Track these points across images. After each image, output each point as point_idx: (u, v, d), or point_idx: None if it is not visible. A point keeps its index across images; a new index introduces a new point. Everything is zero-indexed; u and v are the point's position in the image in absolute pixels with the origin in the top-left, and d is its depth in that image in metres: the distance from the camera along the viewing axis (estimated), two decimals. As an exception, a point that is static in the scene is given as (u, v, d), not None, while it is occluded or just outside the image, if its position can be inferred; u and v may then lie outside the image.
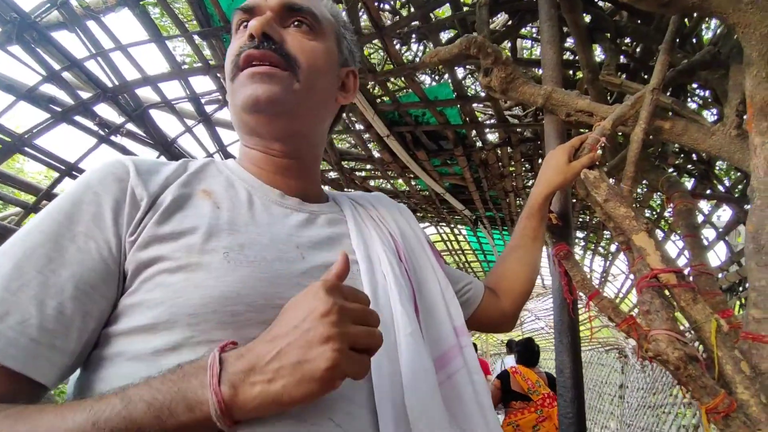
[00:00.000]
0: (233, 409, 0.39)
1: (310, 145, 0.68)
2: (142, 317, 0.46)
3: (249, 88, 0.57)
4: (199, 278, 0.47)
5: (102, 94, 1.76)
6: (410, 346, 0.54)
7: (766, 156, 0.84)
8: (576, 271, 0.94)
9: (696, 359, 0.69)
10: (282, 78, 0.58)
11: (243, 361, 0.41)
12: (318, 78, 0.63)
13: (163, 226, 0.51)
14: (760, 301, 0.81)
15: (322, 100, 0.66)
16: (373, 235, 0.66)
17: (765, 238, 0.82)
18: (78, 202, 0.50)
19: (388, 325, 0.55)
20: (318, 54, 0.63)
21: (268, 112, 0.59)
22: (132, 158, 0.57)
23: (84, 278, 0.47)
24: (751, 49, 0.87)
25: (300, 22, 0.62)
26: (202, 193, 0.57)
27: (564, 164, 0.92)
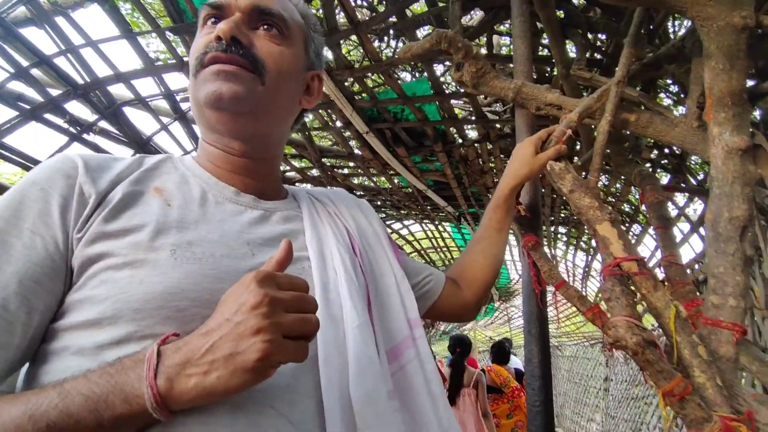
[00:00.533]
0: (169, 401, 0.40)
1: (269, 145, 0.68)
2: (88, 312, 0.47)
3: (213, 84, 0.57)
4: (144, 274, 0.48)
5: (72, 91, 1.72)
6: (357, 338, 0.56)
7: (723, 146, 0.86)
8: (543, 262, 0.95)
9: (653, 344, 0.71)
10: (247, 79, 0.58)
11: (179, 354, 0.42)
12: (283, 82, 0.63)
13: (111, 224, 0.51)
14: (719, 287, 0.83)
15: (285, 104, 0.66)
16: (328, 231, 0.67)
17: (722, 226, 0.84)
18: (25, 198, 0.51)
19: (337, 319, 0.57)
20: (285, 58, 0.63)
21: (231, 110, 0.59)
22: (82, 154, 0.57)
23: (29, 274, 0.47)
24: (709, 41, 0.89)
25: (269, 26, 0.62)
26: (153, 191, 0.57)
27: (530, 156, 0.93)
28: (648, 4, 0.95)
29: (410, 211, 4.23)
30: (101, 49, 1.73)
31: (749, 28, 0.85)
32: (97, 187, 0.53)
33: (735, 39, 0.86)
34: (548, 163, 0.93)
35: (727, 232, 0.83)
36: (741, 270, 0.82)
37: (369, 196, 3.59)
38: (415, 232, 5.59)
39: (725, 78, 0.87)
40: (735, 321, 0.80)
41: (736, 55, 0.86)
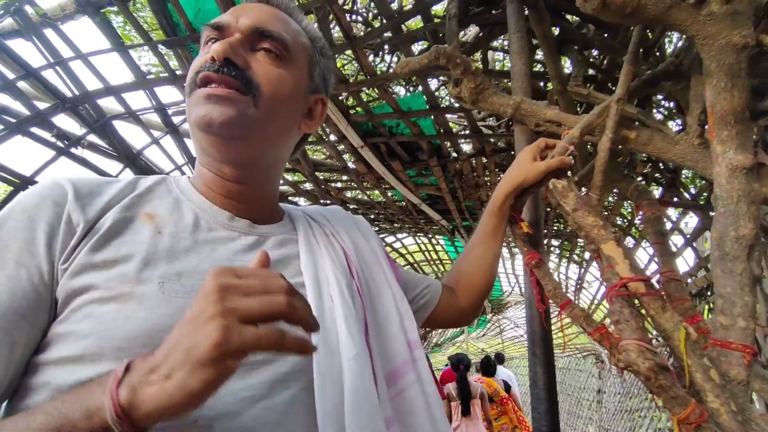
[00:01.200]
0: (131, 412, 0.36)
1: (263, 171, 0.66)
2: (70, 347, 0.44)
3: (203, 108, 0.55)
4: (130, 310, 0.46)
5: (61, 104, 1.68)
6: (353, 370, 0.54)
7: (727, 164, 0.86)
8: (548, 280, 0.93)
9: (666, 369, 0.69)
10: (239, 102, 0.56)
11: (146, 364, 0.38)
12: (279, 106, 0.61)
13: (98, 254, 0.49)
14: (726, 308, 0.81)
15: (281, 128, 0.64)
16: (324, 254, 0.65)
17: (729, 245, 0.83)
18: (11, 227, 0.49)
19: (333, 349, 0.55)
20: (283, 81, 0.61)
21: (221, 135, 0.57)
22: (73, 179, 0.55)
23: (13, 307, 0.45)
24: (710, 60, 0.89)
25: (269, 47, 0.61)
26: (144, 217, 0.55)
27: (527, 163, 0.92)
28: (648, 22, 0.94)
29: (404, 225, 4.21)
30: (91, 62, 1.70)
31: (749, 47, 0.85)
32: (86, 215, 0.51)
33: (736, 58, 0.86)
34: (551, 181, 0.92)
35: (734, 251, 0.82)
36: (749, 290, 0.81)
37: (362, 209, 3.57)
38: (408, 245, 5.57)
39: (727, 96, 0.87)
40: (745, 342, 0.78)
41: (738, 73, 0.86)
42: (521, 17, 1.43)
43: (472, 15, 1.67)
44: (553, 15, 1.62)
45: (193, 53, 1.73)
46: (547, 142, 0.98)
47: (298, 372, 0.52)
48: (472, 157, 2.52)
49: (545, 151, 0.98)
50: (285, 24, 0.64)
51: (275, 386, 0.50)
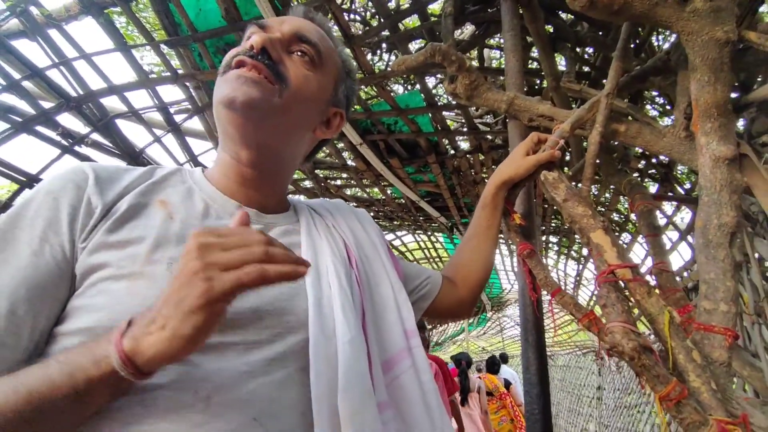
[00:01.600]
0: (135, 358, 0.41)
1: (277, 160, 0.69)
2: (85, 320, 0.49)
3: (231, 86, 0.59)
4: (140, 287, 0.50)
5: (65, 103, 1.72)
6: (347, 354, 0.56)
7: (710, 155, 0.89)
8: (539, 270, 0.96)
9: (649, 349, 0.72)
10: (265, 88, 0.60)
11: (144, 318, 0.44)
12: (301, 103, 0.65)
13: (113, 235, 0.53)
14: (710, 293, 0.85)
15: (298, 124, 0.68)
16: (324, 244, 0.68)
17: (712, 233, 0.87)
18: (37, 207, 0.53)
19: (329, 334, 0.58)
20: (310, 83, 0.66)
21: (241, 113, 0.60)
22: (93, 165, 0.59)
23: (37, 281, 0.49)
24: (694, 55, 0.92)
25: (304, 53, 0.65)
26: (158, 203, 0.59)
27: (519, 157, 0.95)
28: (635, 19, 0.98)
29: (403, 222, 4.24)
30: (95, 62, 1.73)
31: (732, 42, 0.88)
32: (104, 199, 0.55)
33: (719, 53, 0.89)
34: (542, 174, 0.95)
35: (717, 238, 0.86)
36: (731, 276, 0.84)
37: (362, 206, 3.60)
38: (407, 242, 5.60)
39: (710, 90, 0.90)
40: (727, 326, 0.81)
41: (720, 68, 0.90)
42: (515, 15, 1.47)
43: (467, 13, 1.70)
44: (547, 13, 1.65)
45: (194, 53, 1.77)
46: (540, 136, 1.01)
47: (296, 353, 0.55)
48: (469, 153, 2.55)
49: (538, 145, 1.01)
50: (323, 38, 0.70)
51: (272, 364, 0.53)
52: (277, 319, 0.56)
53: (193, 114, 2.06)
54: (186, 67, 1.82)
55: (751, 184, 0.90)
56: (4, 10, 1.49)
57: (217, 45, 1.76)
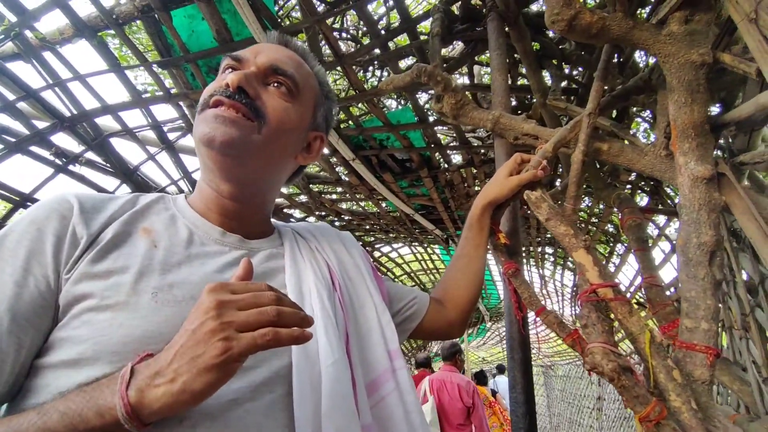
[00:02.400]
0: (140, 410, 0.42)
1: (258, 192, 0.70)
2: (69, 352, 0.48)
3: (210, 125, 0.60)
4: (124, 317, 0.50)
5: (59, 123, 1.74)
6: (331, 376, 0.57)
7: (689, 174, 0.91)
8: (524, 289, 0.97)
9: (629, 370, 0.73)
10: (243, 126, 0.61)
11: (149, 368, 0.44)
12: (281, 135, 0.66)
13: (97, 265, 0.53)
14: (691, 311, 0.85)
15: (278, 156, 0.69)
16: (308, 267, 0.69)
17: (692, 252, 0.88)
18: (20, 237, 0.53)
19: (313, 357, 0.58)
20: (288, 115, 0.66)
21: (221, 151, 0.61)
22: (78, 194, 0.59)
23: (21, 312, 0.49)
24: (671, 76, 0.94)
25: (280, 84, 0.66)
26: (142, 231, 0.59)
27: (503, 178, 0.97)
28: (613, 41, 1.00)
29: (399, 235, 4.25)
30: (89, 83, 1.76)
31: (707, 65, 0.90)
32: (89, 229, 0.56)
33: (695, 74, 0.91)
34: (525, 193, 0.97)
35: (697, 257, 0.87)
36: (711, 294, 0.85)
37: (357, 220, 3.61)
38: (404, 254, 5.60)
39: (687, 111, 0.92)
40: (708, 344, 0.82)
41: (696, 89, 0.92)
42: (501, 34, 1.50)
43: (455, 32, 1.73)
44: (534, 31, 1.69)
45: (186, 73, 1.79)
46: (522, 157, 1.03)
47: (281, 377, 0.56)
48: (461, 167, 2.57)
49: (521, 165, 1.03)
50: (299, 66, 0.71)
51: (258, 390, 0.53)
52: None
53: (187, 132, 2.08)
54: (179, 86, 1.84)
55: (730, 202, 0.92)
56: (-1, 34, 1.52)
57: (209, 65, 1.78)
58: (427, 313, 0.90)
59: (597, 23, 0.95)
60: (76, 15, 1.56)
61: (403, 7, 1.71)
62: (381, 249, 5.16)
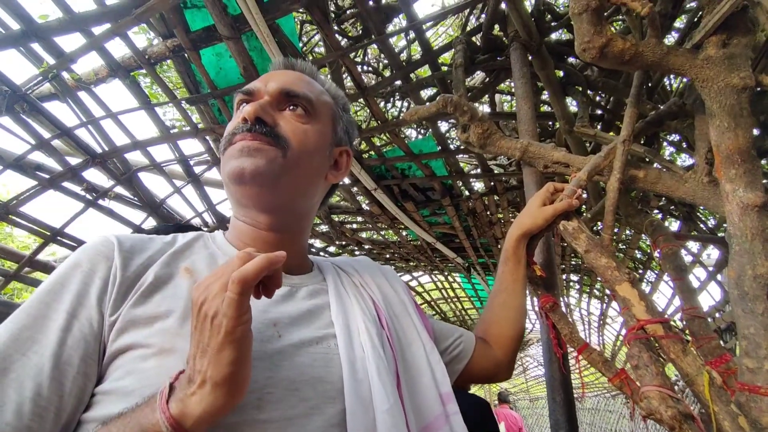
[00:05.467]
0: (183, 420, 0.41)
1: (295, 218, 0.69)
2: (115, 405, 0.47)
3: (237, 161, 0.60)
4: (171, 364, 0.48)
5: (91, 159, 1.79)
6: (387, 423, 0.53)
7: (738, 202, 0.86)
8: (563, 324, 0.92)
9: (691, 417, 0.67)
10: (268, 152, 0.60)
11: (182, 381, 0.44)
12: (306, 157, 0.65)
13: (140, 308, 0.52)
14: (751, 350, 0.79)
15: (308, 177, 0.68)
16: (354, 303, 0.66)
17: (748, 284, 0.82)
18: (66, 281, 0.53)
19: (366, 402, 0.55)
20: (309, 135, 0.66)
21: (253, 183, 0.60)
22: (119, 236, 0.59)
23: (64, 357, 0.48)
24: (711, 101, 0.91)
25: (295, 106, 0.66)
26: (183, 271, 0.58)
27: (536, 208, 0.93)
28: (646, 68, 0.98)
29: (419, 263, 4.20)
30: (120, 120, 1.81)
31: (750, 88, 0.87)
32: (131, 271, 0.55)
33: (737, 99, 0.88)
34: (561, 224, 0.93)
35: (753, 290, 0.81)
36: (773, 330, 0.79)
37: (377, 249, 3.58)
38: (424, 283, 5.52)
39: (731, 136, 0.88)
40: (774, 386, 0.75)
41: (740, 113, 0.88)
42: (525, 63, 1.49)
43: (477, 62, 1.74)
44: (556, 59, 1.68)
45: (213, 108, 1.84)
46: (556, 186, 1.00)
47: (334, 426, 0.52)
48: (484, 195, 2.54)
49: (554, 195, 0.99)
50: (309, 85, 0.70)
51: None
52: (312, 390, 0.53)
53: (212, 165, 2.11)
54: (205, 121, 1.88)
55: (784, 231, 0.86)
56: (37, 76, 1.59)
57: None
58: (475, 352, 0.84)
59: (630, 50, 0.93)
60: (111, 56, 1.63)
61: (424, 39, 1.74)
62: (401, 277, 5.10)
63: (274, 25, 1.51)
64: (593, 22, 0.93)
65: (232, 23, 1.49)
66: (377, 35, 1.63)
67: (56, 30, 1.49)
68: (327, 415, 0.52)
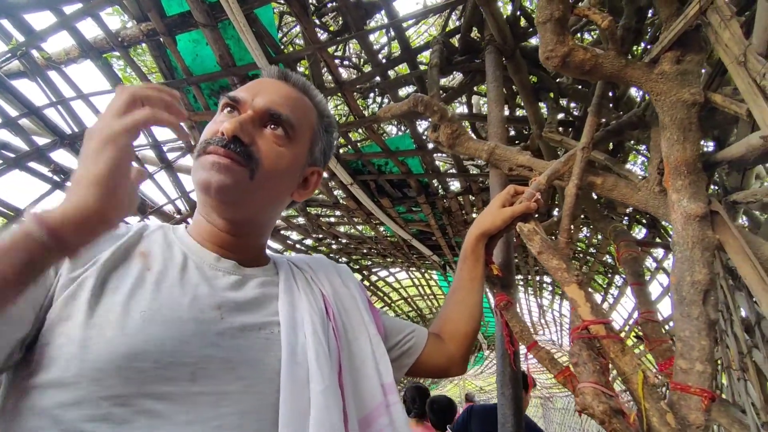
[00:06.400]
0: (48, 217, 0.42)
1: (253, 228, 0.72)
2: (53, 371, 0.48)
3: (206, 173, 0.62)
4: (110, 335, 0.50)
5: (59, 140, 1.75)
6: (320, 403, 0.55)
7: (682, 212, 0.90)
8: (515, 322, 0.95)
9: (621, 412, 0.70)
10: (236, 172, 0.62)
11: None
12: (275, 180, 0.67)
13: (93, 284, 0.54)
14: (686, 352, 0.83)
15: (273, 197, 0.71)
16: (302, 296, 0.69)
17: (686, 290, 0.86)
18: None
19: (302, 384, 0.57)
20: (283, 159, 0.67)
21: (217, 197, 0.63)
22: None
23: None
24: (663, 114, 0.95)
25: (276, 125, 0.67)
26: (139, 255, 0.61)
27: (496, 209, 0.97)
28: (608, 78, 1.01)
29: (396, 259, 4.23)
30: (92, 102, 1.78)
31: (699, 104, 0.91)
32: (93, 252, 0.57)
33: (686, 113, 0.92)
34: (518, 225, 0.96)
35: (691, 295, 0.85)
36: (706, 334, 0.83)
37: (354, 243, 3.60)
38: (401, 279, 5.56)
39: (680, 148, 0.92)
40: (703, 386, 0.80)
41: (689, 127, 0.92)
42: (499, 67, 1.52)
43: (454, 63, 1.76)
44: (531, 65, 1.72)
45: (188, 95, 1.82)
46: (516, 189, 1.03)
47: (271, 405, 0.55)
48: (459, 195, 2.58)
49: (515, 197, 1.03)
50: (296, 105, 0.71)
51: (245, 417, 0.53)
52: (250, 369, 0.56)
53: (186, 152, 2.09)
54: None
55: (723, 241, 0.91)
56: (6, 52, 1.55)
57: (211, 88, 1.81)
58: (426, 347, 0.87)
59: (590, 60, 0.96)
60: (82, 37, 1.59)
61: (403, 37, 1.75)
62: (378, 273, 5.12)
63: (252, 15, 1.50)
64: (556, 31, 0.97)
65: (208, 10, 1.47)
66: (356, 30, 1.64)
67: (26, 7, 1.45)
68: (263, 394, 0.55)
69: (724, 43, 0.87)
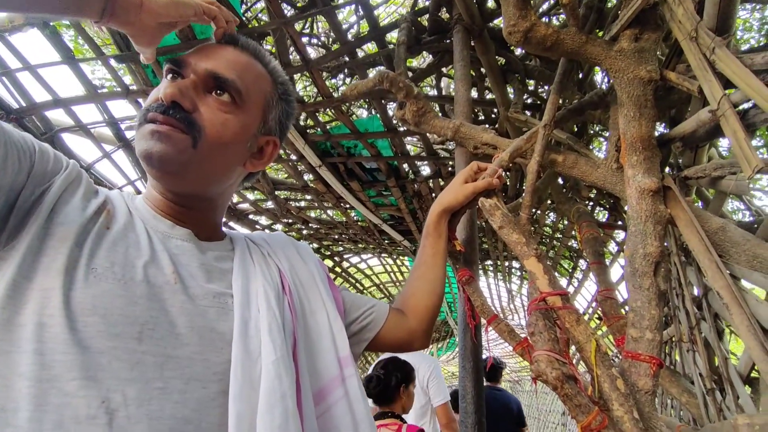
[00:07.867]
0: None
1: (205, 201, 0.69)
2: None
3: (146, 143, 0.59)
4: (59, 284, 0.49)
5: (5, 115, 1.64)
6: (270, 373, 0.55)
7: (636, 187, 0.93)
8: (476, 296, 0.96)
9: (573, 378, 0.72)
10: (177, 140, 0.59)
11: None
12: (220, 149, 0.64)
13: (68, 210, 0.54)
14: (637, 321, 0.86)
15: (220, 168, 0.67)
16: (257, 270, 0.68)
17: (638, 262, 0.89)
18: None
19: (254, 355, 0.56)
20: (228, 126, 0.64)
21: (159, 168, 0.60)
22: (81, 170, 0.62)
23: None
24: (621, 91, 0.97)
25: (222, 91, 0.64)
26: (106, 212, 0.59)
27: (458, 185, 0.96)
28: (567, 55, 1.02)
29: (368, 245, 4.22)
30: (40, 74, 1.67)
31: (655, 81, 0.93)
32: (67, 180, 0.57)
33: (642, 90, 0.94)
34: (480, 200, 0.96)
35: (642, 267, 0.88)
36: (656, 304, 0.86)
37: (325, 229, 3.57)
38: (373, 266, 5.57)
39: (635, 125, 0.94)
40: (652, 353, 0.83)
41: (644, 104, 0.94)
42: (466, 47, 1.52)
43: (423, 43, 1.75)
44: (499, 46, 1.72)
45: (146, 69, 1.74)
46: (479, 165, 1.03)
47: (218, 374, 0.54)
48: (429, 179, 2.58)
49: (478, 174, 1.03)
50: (245, 70, 0.67)
51: (190, 383, 0.52)
52: (198, 337, 0.55)
53: (146, 131, 2.00)
54: (138, 82, 1.77)
55: (675, 215, 0.94)
56: (-60, 17, 1.43)
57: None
58: (387, 322, 0.87)
59: (551, 36, 0.97)
60: (28, 3, 1.49)
61: (372, 16, 1.72)
62: (350, 260, 5.11)
63: (213, -15, 1.44)
64: (519, 6, 0.96)
65: (165, -22, 1.40)
66: (322, 6, 1.59)
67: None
68: (211, 362, 0.54)
69: (677, 19, 0.89)
